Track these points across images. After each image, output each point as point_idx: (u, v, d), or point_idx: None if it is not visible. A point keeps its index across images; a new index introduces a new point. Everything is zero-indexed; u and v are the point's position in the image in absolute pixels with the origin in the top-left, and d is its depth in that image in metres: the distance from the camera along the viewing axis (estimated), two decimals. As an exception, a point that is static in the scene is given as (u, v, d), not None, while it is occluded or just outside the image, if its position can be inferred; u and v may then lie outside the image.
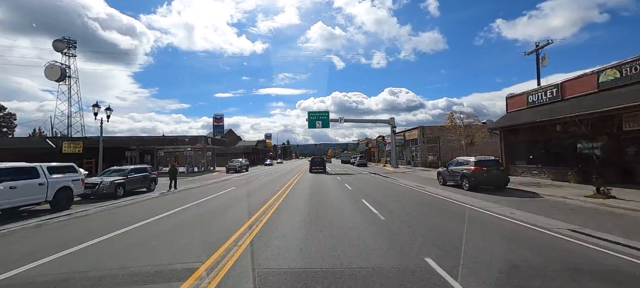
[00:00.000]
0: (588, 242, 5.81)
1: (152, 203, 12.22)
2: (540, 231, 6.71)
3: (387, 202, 10.87)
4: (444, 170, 15.85)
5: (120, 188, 13.99)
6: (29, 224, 8.49)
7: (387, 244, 5.77)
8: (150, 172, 16.89)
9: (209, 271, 4.53)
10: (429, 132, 34.15)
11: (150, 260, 5.12)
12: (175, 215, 9.53)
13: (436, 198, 11.81)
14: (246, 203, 11.42)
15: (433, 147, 34.07)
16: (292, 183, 19.29)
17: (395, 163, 36.08)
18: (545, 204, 10.02)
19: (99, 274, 4.56)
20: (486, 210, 9.23)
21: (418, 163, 35.16)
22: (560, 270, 4.46)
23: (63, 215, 9.64)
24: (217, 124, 50.51)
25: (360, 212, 9.27)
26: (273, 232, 6.92)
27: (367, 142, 72.17)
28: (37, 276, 4.62)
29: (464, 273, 4.28)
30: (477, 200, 11.02)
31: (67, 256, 5.51)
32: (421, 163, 33.99)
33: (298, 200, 11.71)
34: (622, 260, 4.90)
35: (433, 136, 34.11)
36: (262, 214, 9.13)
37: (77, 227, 8.16)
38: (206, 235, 6.88)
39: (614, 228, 6.69)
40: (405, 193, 13.31)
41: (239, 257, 5.19)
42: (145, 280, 4.34)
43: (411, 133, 37.79)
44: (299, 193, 14.19)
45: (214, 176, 29.78)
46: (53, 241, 6.62)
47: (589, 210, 8.95)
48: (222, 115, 51.61)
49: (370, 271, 4.46)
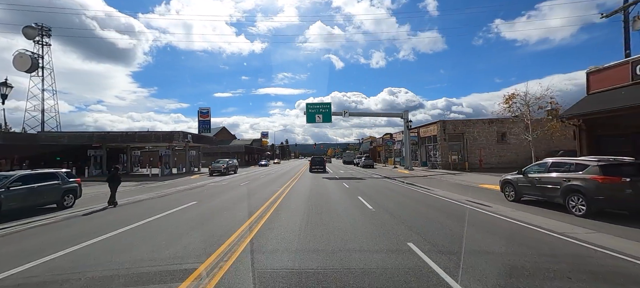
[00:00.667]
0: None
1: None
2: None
3: (448, 242, 5.34)
4: (520, 178, 10.25)
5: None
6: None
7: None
8: (66, 178, 11.22)
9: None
10: (451, 127, 28.52)
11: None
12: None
13: (540, 235, 6.23)
14: (185, 242, 5.81)
15: (455, 146, 28.46)
16: (284, 193, 13.72)
17: (409, 165, 30.47)
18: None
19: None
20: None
21: (438, 164, 29.52)
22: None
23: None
24: (203, 119, 44.64)
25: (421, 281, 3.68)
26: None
27: (371, 141, 66.56)
28: None
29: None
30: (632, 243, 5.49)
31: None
32: (442, 165, 28.36)
33: (283, 236, 6.11)
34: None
35: (456, 132, 28.48)
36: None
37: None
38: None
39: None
40: (470, 220, 7.69)
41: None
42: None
43: (428, 129, 32.16)
44: (288, 216, 8.58)
45: (191, 180, 24.13)
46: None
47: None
48: (209, 109, 45.50)
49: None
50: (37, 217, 9.17)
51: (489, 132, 28.29)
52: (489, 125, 28.32)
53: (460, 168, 26.80)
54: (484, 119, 28.66)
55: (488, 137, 28.26)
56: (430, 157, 32.15)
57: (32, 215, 9.28)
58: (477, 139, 27.97)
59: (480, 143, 27.83)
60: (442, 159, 28.41)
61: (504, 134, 28.24)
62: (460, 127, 28.49)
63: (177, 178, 26.18)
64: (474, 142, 27.78)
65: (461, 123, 28.71)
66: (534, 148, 18.04)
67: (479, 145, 27.77)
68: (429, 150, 32.50)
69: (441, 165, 28.41)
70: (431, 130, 31.02)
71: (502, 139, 28.34)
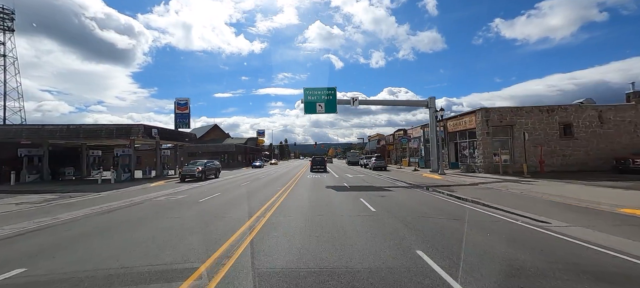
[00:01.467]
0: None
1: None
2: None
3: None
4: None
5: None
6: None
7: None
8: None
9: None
10: (497, 117, 21.48)
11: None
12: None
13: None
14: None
15: (503, 142, 21.46)
16: (264, 219, 6.81)
17: (438, 168, 23.52)
18: None
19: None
20: None
21: (477, 166, 22.50)
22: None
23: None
24: (181, 112, 37.27)
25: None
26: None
27: (379, 138, 59.46)
28: None
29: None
30: None
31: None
32: (484, 167, 21.36)
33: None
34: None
35: (503, 124, 21.47)
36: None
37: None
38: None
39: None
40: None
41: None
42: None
43: (460, 121, 25.11)
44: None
45: (144, 190, 17.20)
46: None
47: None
48: (188, 100, 37.93)
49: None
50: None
51: (548, 123, 21.26)
52: (548, 114, 21.29)
53: (514, 171, 19.76)
54: (541, 106, 21.61)
55: (547, 130, 21.22)
56: (463, 157, 25.12)
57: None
58: (532, 132, 20.91)
59: (536, 138, 20.79)
60: (484, 160, 21.38)
61: (568, 125, 21.20)
62: (508, 117, 21.44)
63: (131, 187, 19.25)
64: (531, 135, 20.67)
65: (510, 111, 21.62)
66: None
67: (536, 141, 20.74)
68: (462, 148, 25.46)
69: (483, 168, 21.40)
70: (466, 122, 23.98)
71: (565, 133, 21.31)
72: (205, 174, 25.67)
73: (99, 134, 22.82)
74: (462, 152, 25.36)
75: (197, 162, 27.07)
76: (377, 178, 22.81)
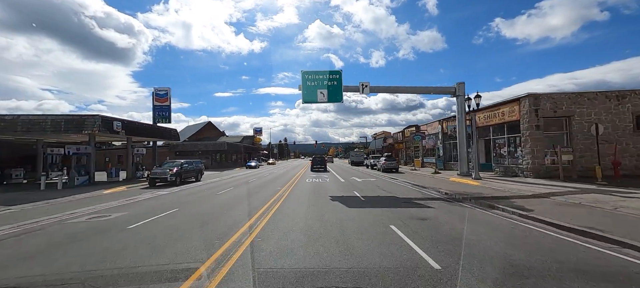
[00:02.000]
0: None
1: None
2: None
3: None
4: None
5: None
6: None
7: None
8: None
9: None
10: (551, 105, 16.72)
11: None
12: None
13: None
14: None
15: (556, 138, 16.74)
16: None
17: (468, 170, 18.83)
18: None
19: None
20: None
21: (523, 169, 17.77)
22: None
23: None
24: (160, 104, 32.16)
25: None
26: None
27: (385, 136, 54.64)
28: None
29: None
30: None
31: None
32: (532, 170, 16.61)
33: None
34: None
35: (558, 114, 16.72)
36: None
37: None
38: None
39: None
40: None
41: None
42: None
43: (496, 112, 20.30)
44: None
45: (84, 201, 12.53)
46: None
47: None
48: (168, 90, 32.74)
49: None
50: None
51: (617, 113, 16.51)
52: (617, 101, 16.53)
53: (580, 176, 15.01)
54: (607, 92, 16.80)
55: (617, 123, 16.47)
56: (498, 157, 20.34)
57: None
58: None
59: (606, 133, 16.00)
60: (532, 160, 16.62)
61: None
62: (565, 106, 16.65)
63: (77, 194, 14.62)
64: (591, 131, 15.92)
65: (567, 99, 16.80)
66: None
67: (603, 136, 15.95)
68: (497, 145, 20.66)
69: (530, 170, 16.65)
70: (504, 113, 19.17)
71: (639, 126, 16.54)
72: (181, 177, 21.02)
73: (43, 127, 18.08)
74: (497, 151, 20.58)
75: (175, 162, 22.41)
76: (394, 183, 18.10)
